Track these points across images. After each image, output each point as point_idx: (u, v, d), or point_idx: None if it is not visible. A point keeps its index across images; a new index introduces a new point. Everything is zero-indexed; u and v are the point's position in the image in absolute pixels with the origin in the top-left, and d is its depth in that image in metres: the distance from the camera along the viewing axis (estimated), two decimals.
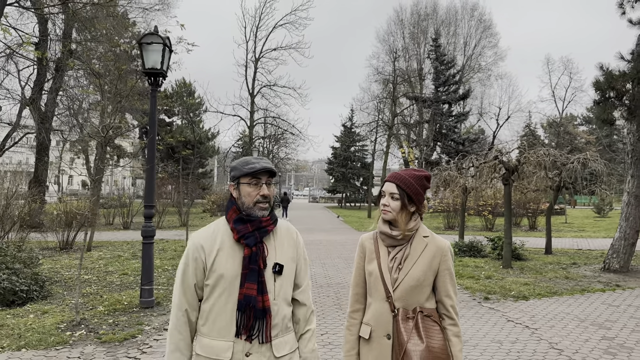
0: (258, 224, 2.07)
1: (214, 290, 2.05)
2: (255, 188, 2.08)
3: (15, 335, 5.50)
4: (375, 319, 2.19)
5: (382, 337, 2.16)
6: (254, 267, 2.03)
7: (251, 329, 2.01)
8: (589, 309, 7.06)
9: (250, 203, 2.07)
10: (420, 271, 2.17)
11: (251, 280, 2.02)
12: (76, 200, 18.14)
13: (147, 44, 6.98)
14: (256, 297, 2.01)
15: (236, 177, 2.11)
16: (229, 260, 2.06)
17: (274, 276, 2.09)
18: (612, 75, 8.53)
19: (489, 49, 48.17)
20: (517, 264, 10.84)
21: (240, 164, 2.13)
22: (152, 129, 6.96)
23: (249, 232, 2.06)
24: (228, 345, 2.01)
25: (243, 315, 2.01)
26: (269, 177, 2.11)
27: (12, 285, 6.91)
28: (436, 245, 2.23)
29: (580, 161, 12.14)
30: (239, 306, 2.02)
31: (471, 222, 22.78)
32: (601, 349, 5.30)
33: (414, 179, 2.23)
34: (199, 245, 2.09)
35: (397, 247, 2.23)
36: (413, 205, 2.23)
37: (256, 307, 2.01)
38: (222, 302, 2.04)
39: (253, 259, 2.04)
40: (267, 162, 2.12)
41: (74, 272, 9.81)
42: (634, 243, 10.05)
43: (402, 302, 2.15)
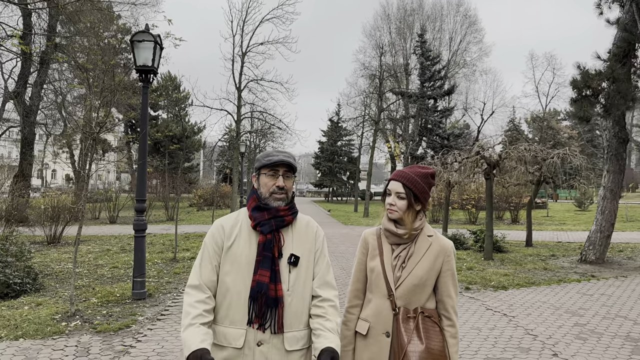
0: (275, 213, 2.11)
1: (228, 275, 2.07)
2: (272, 179, 2.13)
3: (12, 326, 5.66)
4: (375, 316, 2.18)
5: (381, 334, 2.15)
6: (268, 255, 2.05)
7: (263, 317, 2.02)
8: (564, 298, 7.41)
9: (266, 193, 2.12)
10: (423, 271, 2.15)
11: (264, 267, 2.04)
12: (64, 195, 18.08)
13: (139, 42, 7.12)
14: (268, 284, 2.02)
15: (257, 169, 2.18)
16: (245, 247, 2.10)
17: (289, 267, 2.10)
18: (589, 75, 8.88)
19: (474, 45, 48.66)
20: (498, 256, 11.20)
21: (262, 156, 2.20)
22: (144, 125, 7.11)
23: (265, 219, 2.10)
24: (240, 333, 2.02)
25: (255, 303, 2.02)
26: (287, 170, 2.15)
27: (6, 277, 7.04)
28: (440, 245, 2.22)
29: (560, 156, 12.53)
30: (251, 293, 2.03)
31: (455, 216, 23.22)
32: (573, 335, 5.62)
33: (420, 177, 2.20)
34: (220, 227, 2.15)
35: (401, 245, 2.21)
36: (419, 204, 2.20)
37: (268, 294, 2.01)
38: (236, 289, 2.05)
39: (267, 246, 2.06)
40: (287, 156, 2.17)
41: (64, 265, 9.93)
42: (609, 235, 10.46)
43: (403, 300, 2.14)
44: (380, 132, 37.44)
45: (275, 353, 2.03)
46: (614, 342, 5.38)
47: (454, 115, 46.52)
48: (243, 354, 2.01)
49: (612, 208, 10.31)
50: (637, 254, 12.02)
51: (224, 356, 2.02)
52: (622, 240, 14.92)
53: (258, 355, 2.01)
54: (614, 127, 9.97)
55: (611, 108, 8.72)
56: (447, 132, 36.85)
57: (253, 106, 29.68)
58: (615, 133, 10.03)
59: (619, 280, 8.79)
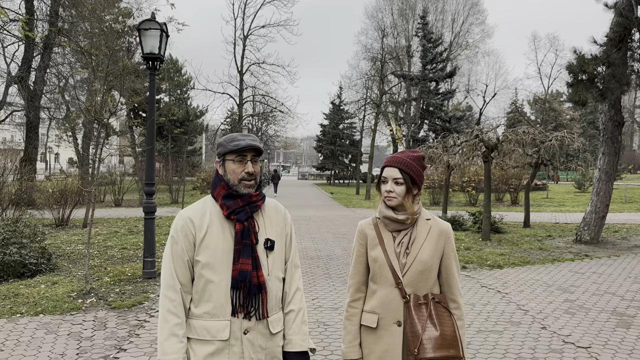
0: (248, 199, 2.06)
1: (205, 268, 2.00)
2: (240, 165, 2.05)
3: (31, 303, 6.00)
4: (384, 307, 2.14)
5: (392, 324, 2.12)
6: (247, 242, 2.01)
7: (248, 306, 1.99)
8: (557, 276, 7.72)
9: (235, 180, 2.05)
10: (427, 255, 2.14)
11: (245, 255, 2.00)
12: (70, 178, 18.38)
13: (145, 30, 7.33)
14: (251, 272, 1.99)
15: (221, 154, 2.09)
16: (219, 237, 2.02)
17: (266, 252, 2.08)
18: (584, 59, 9.06)
19: (477, 26, 48.48)
20: (496, 237, 11.51)
21: (226, 140, 2.10)
22: (151, 111, 7.36)
23: (239, 207, 2.04)
24: (224, 325, 1.98)
25: (238, 292, 1.98)
26: (255, 154, 2.08)
27: (22, 258, 7.36)
28: (439, 228, 2.21)
29: (557, 139, 12.76)
30: (233, 283, 1.98)
31: (455, 198, 23.51)
32: (562, 310, 5.94)
33: (415, 160, 2.19)
34: (188, 220, 2.04)
35: (402, 231, 2.18)
36: (416, 188, 2.19)
37: (252, 282, 1.99)
38: (216, 281, 1.99)
39: (246, 234, 2.02)
40: (253, 139, 2.09)
41: (75, 247, 10.28)
42: (604, 216, 10.73)
43: (412, 287, 2.12)
44: (382, 115, 37.57)
45: (260, 338, 2.03)
46: (601, 316, 5.69)
47: (456, 98, 46.59)
48: (229, 345, 1.98)
49: (607, 189, 10.57)
50: (631, 234, 12.31)
51: (209, 351, 1.98)
52: (619, 221, 15.20)
53: (245, 344, 2.00)
54: (610, 111, 10.18)
55: (606, 92, 8.93)
56: (448, 114, 36.97)
57: (255, 89, 29.85)
58: (611, 116, 10.25)
59: (611, 260, 9.09)
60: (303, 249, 10.20)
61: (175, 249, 2.02)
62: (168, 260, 2.04)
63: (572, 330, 5.18)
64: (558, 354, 4.55)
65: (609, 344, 4.81)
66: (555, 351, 4.61)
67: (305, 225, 14.60)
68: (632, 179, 44.10)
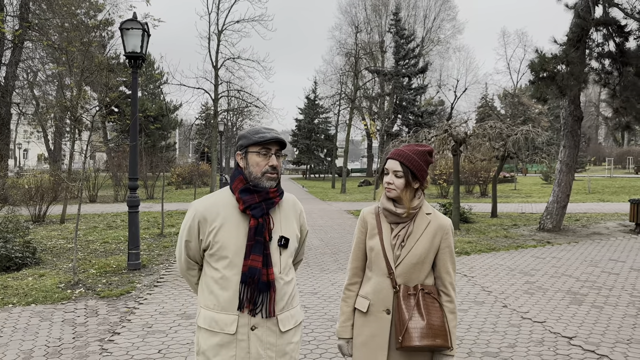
0: (265, 195, 2.05)
1: (217, 261, 2.04)
2: (264, 158, 2.04)
3: (22, 294, 6.22)
4: (375, 294, 2.21)
5: (382, 311, 2.19)
6: (260, 239, 2.01)
7: (254, 303, 1.99)
8: (519, 261, 8.30)
9: (258, 173, 2.04)
10: (422, 249, 2.18)
11: (256, 252, 2.00)
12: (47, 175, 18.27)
13: (127, 29, 7.55)
14: (261, 269, 1.99)
15: (244, 146, 2.07)
16: (233, 231, 2.03)
17: (280, 249, 2.08)
18: (545, 58, 9.65)
19: (448, 22, 49.44)
20: (465, 226, 12.10)
21: (250, 132, 2.08)
22: (134, 109, 7.61)
23: (255, 202, 2.03)
24: (232, 319, 2.00)
25: (246, 288, 1.99)
26: (279, 148, 2.08)
27: (7, 252, 7.54)
28: (438, 223, 2.24)
29: (523, 133, 13.42)
30: (242, 278, 1.99)
31: (428, 191, 24.18)
32: (522, 290, 6.47)
33: (417, 154, 2.21)
34: (200, 213, 2.07)
35: (400, 224, 2.23)
36: (417, 182, 2.21)
37: (260, 279, 1.99)
38: (226, 275, 2.02)
39: (259, 231, 2.01)
40: (278, 133, 2.08)
41: (56, 241, 10.42)
42: (565, 206, 11.41)
43: (403, 278, 2.18)
44: (357, 110, 38.10)
45: (270, 335, 2.03)
46: (557, 295, 6.24)
47: (428, 92, 47.47)
48: (237, 339, 2.00)
49: (567, 180, 11.24)
50: (591, 222, 13.08)
51: (216, 341, 2.01)
52: (581, 211, 16.02)
53: (253, 340, 2.01)
54: (570, 106, 10.83)
55: (565, 89, 9.53)
56: (421, 109, 37.76)
57: (230, 84, 29.94)
58: (571, 111, 10.90)
59: (570, 246, 9.74)
60: None
61: (189, 242, 2.11)
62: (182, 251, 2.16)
63: (530, 308, 5.71)
64: (516, 328, 5.05)
65: (562, 318, 5.34)
66: (514, 326, 5.11)
67: None
68: (596, 170, 45.76)
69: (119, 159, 28.86)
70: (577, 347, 4.53)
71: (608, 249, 9.33)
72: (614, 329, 4.99)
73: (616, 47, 11.08)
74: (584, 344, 4.57)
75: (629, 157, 44.66)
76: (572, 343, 4.62)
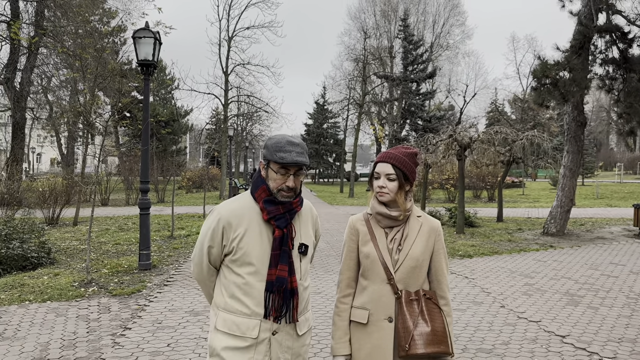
0: (289, 207, 2.08)
1: (240, 267, 2.06)
2: (282, 178, 2.06)
3: (38, 292, 6.50)
4: (374, 302, 2.14)
5: (383, 320, 2.12)
6: (286, 249, 2.05)
7: (281, 310, 2.04)
8: (521, 264, 8.44)
9: (274, 188, 2.07)
10: (419, 251, 2.16)
11: (283, 261, 2.03)
12: (60, 178, 18.70)
13: (140, 38, 7.85)
14: (287, 278, 2.04)
15: (266, 159, 2.08)
16: (257, 239, 2.06)
17: (300, 257, 2.13)
18: (547, 65, 9.80)
19: (457, 27, 49.50)
20: (469, 230, 12.24)
21: (273, 147, 2.06)
22: (146, 114, 7.89)
23: (280, 213, 2.06)
24: (255, 324, 2.02)
25: (273, 296, 2.02)
26: (299, 169, 2.07)
27: (24, 252, 7.85)
28: (430, 225, 2.23)
29: (528, 138, 13.55)
30: (268, 287, 2.02)
31: (436, 195, 24.31)
32: (521, 291, 6.63)
33: (408, 156, 2.18)
34: (225, 218, 2.08)
35: (394, 227, 2.19)
36: (409, 184, 2.18)
37: (287, 288, 2.03)
38: (250, 281, 2.04)
39: (285, 241, 2.05)
40: (300, 153, 2.05)
41: (69, 243, 10.73)
42: (568, 210, 11.52)
43: (403, 283, 2.13)
44: (365, 115, 38.32)
45: (288, 339, 2.08)
46: (554, 296, 6.40)
47: (437, 97, 47.57)
48: (257, 342, 2.03)
49: (571, 185, 11.36)
50: (596, 227, 13.15)
51: (235, 344, 2.03)
52: (587, 215, 16.07)
53: (273, 344, 2.05)
54: (573, 112, 10.96)
55: (567, 95, 9.68)
56: (429, 114, 37.89)
57: (240, 90, 30.30)
58: (574, 117, 11.03)
59: (573, 249, 9.85)
60: None
61: (211, 249, 2.12)
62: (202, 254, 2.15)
63: (527, 308, 5.87)
64: (512, 326, 5.22)
65: (557, 318, 5.50)
66: (509, 325, 5.29)
67: None
68: (607, 176, 45.49)
69: (131, 163, 29.33)
70: (569, 345, 4.69)
71: (610, 253, 9.43)
72: (606, 328, 5.15)
73: (620, 53, 11.22)
74: (576, 342, 4.74)
75: (639, 162, 44.33)
76: (565, 341, 4.78)
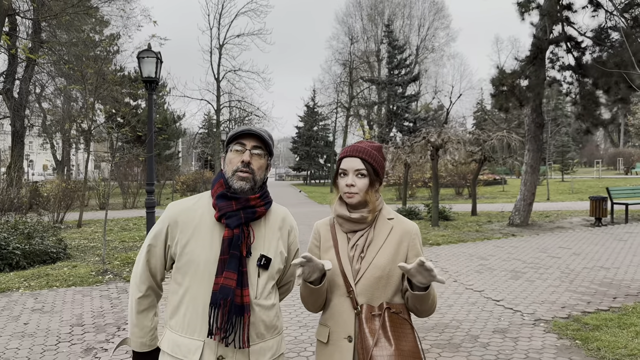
0: (245, 203, 1.78)
1: (184, 276, 1.78)
2: (237, 155, 1.80)
3: (62, 279, 7.60)
4: (334, 319, 1.87)
5: (342, 339, 1.84)
6: (235, 253, 1.73)
7: (226, 330, 1.70)
8: (481, 250, 9.64)
9: (229, 172, 1.80)
10: (386, 259, 1.85)
11: (231, 268, 1.72)
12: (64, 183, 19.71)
13: (143, 57, 8.98)
14: (234, 289, 1.70)
15: (226, 146, 1.88)
16: (207, 244, 1.77)
17: (259, 270, 1.79)
18: (504, 73, 11.03)
19: (442, 30, 51.00)
20: (444, 223, 13.44)
21: (230, 133, 1.87)
22: (150, 126, 9.01)
23: (232, 210, 1.76)
24: (196, 345, 1.72)
25: (217, 310, 1.70)
26: (257, 146, 1.81)
27: (45, 247, 8.94)
28: (402, 229, 1.92)
29: (498, 138, 14.79)
30: (212, 299, 1.71)
31: (420, 193, 25.54)
32: (475, 270, 7.82)
33: (376, 150, 1.94)
34: (173, 216, 1.83)
35: (357, 232, 1.90)
36: (379, 181, 1.92)
37: (234, 301, 1.70)
38: (194, 293, 1.75)
39: (234, 244, 1.73)
40: (259, 129, 1.84)
41: (79, 242, 11.81)
42: (531, 203, 12.75)
43: (365, 297, 1.83)
44: (354, 117, 39.62)
45: None
46: (501, 274, 7.59)
47: (424, 98, 48.96)
48: None
49: (532, 180, 12.59)
50: (559, 218, 14.41)
51: None
52: (556, 209, 17.33)
53: None
54: (532, 114, 12.19)
55: (523, 101, 10.90)
56: (414, 116, 39.26)
57: (231, 95, 31.45)
58: (533, 119, 12.26)
59: (531, 237, 11.07)
60: None
61: (155, 248, 1.87)
62: (143, 257, 1.91)
63: (475, 282, 7.05)
64: (458, 295, 6.40)
65: (497, 289, 6.68)
66: (457, 294, 6.47)
67: None
68: (589, 172, 47.01)
69: (124, 169, 30.36)
70: (500, 306, 5.88)
71: (562, 239, 10.66)
72: (535, 295, 6.34)
73: (575, 60, 12.48)
74: (506, 304, 5.92)
75: (619, 158, 45.92)
76: (498, 304, 5.97)
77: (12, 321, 5.53)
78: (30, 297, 6.58)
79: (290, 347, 4.64)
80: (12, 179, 17.23)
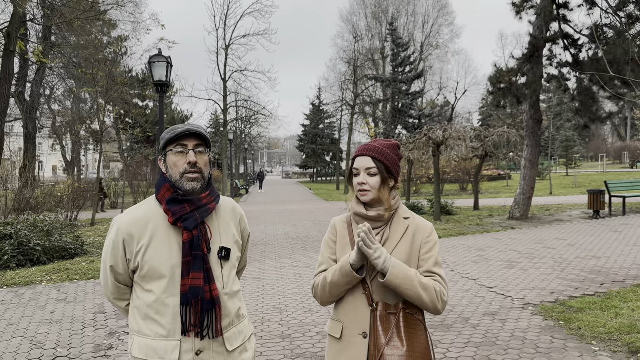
0: (198, 203, 1.82)
1: (149, 283, 1.80)
2: (181, 157, 1.80)
3: (82, 273, 8.07)
4: (348, 315, 1.91)
5: (357, 335, 1.87)
6: (198, 254, 1.78)
7: (202, 325, 1.78)
8: (480, 242, 10.01)
9: (177, 175, 1.80)
10: (401, 257, 1.87)
11: (196, 269, 1.77)
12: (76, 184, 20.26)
13: (155, 62, 9.43)
14: (203, 287, 1.77)
15: (163, 149, 1.85)
16: (166, 249, 1.80)
17: (221, 262, 1.86)
18: (502, 72, 11.36)
19: (446, 27, 51.29)
20: (446, 218, 13.82)
21: (166, 132, 1.84)
22: (161, 126, 9.45)
23: (186, 213, 1.79)
24: (173, 345, 1.77)
25: (189, 309, 1.76)
26: (198, 143, 1.83)
27: (64, 244, 9.42)
28: (418, 227, 1.95)
29: (499, 134, 15.14)
30: (183, 300, 1.76)
31: (425, 189, 25.89)
32: (472, 261, 8.21)
33: (389, 148, 1.95)
34: (125, 230, 1.82)
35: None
36: (392, 179, 1.94)
37: (204, 298, 1.77)
38: (162, 298, 1.79)
39: (195, 244, 1.78)
40: (196, 126, 1.85)
41: (94, 239, 12.30)
42: (530, 197, 13.09)
43: (381, 294, 1.87)
44: (359, 115, 39.97)
45: (216, 357, 1.82)
46: (497, 264, 7.96)
47: (429, 95, 49.22)
48: None
49: (531, 175, 12.92)
50: (559, 212, 14.73)
51: None
52: (559, 203, 17.63)
53: None
54: (530, 111, 12.51)
55: (520, 97, 11.23)
56: (418, 113, 39.58)
57: (238, 95, 31.93)
58: (532, 115, 12.58)
59: (530, 230, 11.42)
60: (286, 233, 12.38)
61: (115, 265, 1.85)
62: (106, 277, 1.91)
63: (471, 271, 7.44)
64: (454, 283, 6.80)
65: (492, 277, 7.07)
66: (453, 282, 6.86)
67: (289, 216, 16.80)
68: (594, 166, 47.09)
69: (134, 169, 30.93)
70: (493, 292, 6.27)
71: (559, 231, 11.01)
72: (527, 282, 6.72)
73: (572, 57, 12.79)
74: (498, 290, 6.31)
75: (624, 152, 45.95)
76: (491, 290, 6.36)
77: (39, 310, 6.00)
78: (53, 289, 7.06)
79: (296, 329, 5.07)
80: (27, 179, 17.84)
